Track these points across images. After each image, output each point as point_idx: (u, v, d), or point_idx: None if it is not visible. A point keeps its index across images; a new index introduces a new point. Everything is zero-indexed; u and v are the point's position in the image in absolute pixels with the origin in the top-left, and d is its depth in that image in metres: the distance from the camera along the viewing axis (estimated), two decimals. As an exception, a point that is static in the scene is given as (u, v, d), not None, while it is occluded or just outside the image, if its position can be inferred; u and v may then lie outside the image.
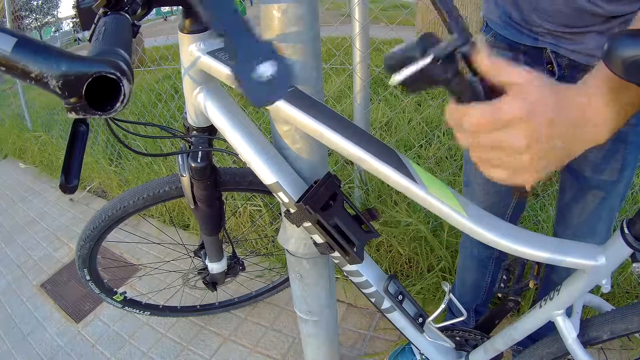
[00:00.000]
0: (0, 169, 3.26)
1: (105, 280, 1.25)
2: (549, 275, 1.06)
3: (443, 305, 0.74)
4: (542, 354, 0.74)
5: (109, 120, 0.64)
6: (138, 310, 1.34)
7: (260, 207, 1.87)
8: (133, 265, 1.82)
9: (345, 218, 0.67)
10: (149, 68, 3.71)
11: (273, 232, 1.80)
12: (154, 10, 0.58)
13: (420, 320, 0.80)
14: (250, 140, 0.66)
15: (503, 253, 1.07)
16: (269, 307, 1.52)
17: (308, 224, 0.65)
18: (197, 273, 1.28)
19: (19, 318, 1.65)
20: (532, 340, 0.78)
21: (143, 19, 0.54)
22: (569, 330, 0.65)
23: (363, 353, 1.31)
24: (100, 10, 0.46)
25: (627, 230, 0.52)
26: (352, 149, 0.55)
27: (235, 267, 1.25)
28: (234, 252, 1.25)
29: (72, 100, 0.33)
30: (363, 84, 1.55)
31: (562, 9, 0.65)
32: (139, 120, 1.64)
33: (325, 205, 0.64)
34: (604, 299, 0.74)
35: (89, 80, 0.33)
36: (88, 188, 2.54)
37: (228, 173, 0.97)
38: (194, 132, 0.80)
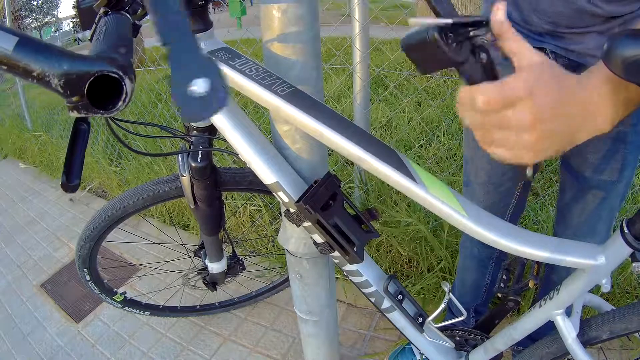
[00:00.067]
0: (0, 169, 3.26)
1: (105, 281, 1.25)
2: (549, 275, 1.06)
3: (443, 305, 0.74)
4: (541, 354, 0.74)
5: (109, 120, 0.64)
6: (138, 311, 1.34)
7: (260, 207, 1.87)
8: (133, 266, 1.82)
9: (345, 218, 0.67)
10: (149, 68, 3.71)
11: (273, 232, 1.80)
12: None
13: (420, 320, 0.80)
14: (250, 140, 0.66)
15: (503, 253, 1.07)
16: (269, 307, 1.52)
17: (308, 224, 0.65)
18: (197, 273, 1.28)
19: (19, 318, 1.65)
20: (531, 340, 0.78)
21: (143, 19, 0.55)
22: (569, 330, 0.65)
23: (363, 353, 1.31)
24: (101, 10, 0.46)
25: (626, 230, 0.52)
26: (352, 149, 0.55)
27: (235, 267, 1.25)
28: (234, 252, 1.26)
29: (74, 99, 0.33)
30: (363, 84, 1.55)
31: (562, 10, 0.65)
32: (139, 120, 1.64)
33: (325, 205, 0.64)
34: (604, 299, 0.74)
35: (91, 79, 0.33)
36: (88, 188, 2.54)
37: (228, 173, 0.97)
38: (194, 132, 0.80)
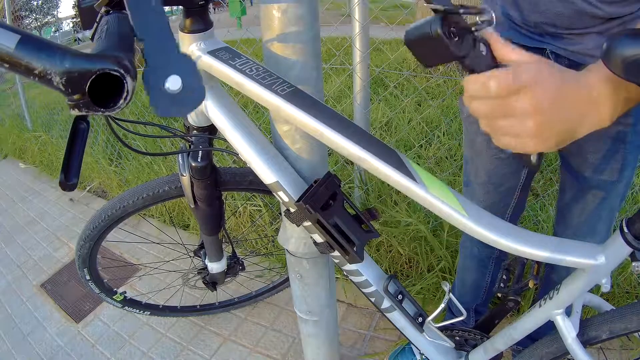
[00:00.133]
0: (0, 169, 3.26)
1: (105, 280, 1.25)
2: (549, 275, 1.06)
3: (443, 305, 0.74)
4: (541, 354, 0.74)
5: (110, 120, 0.64)
6: (138, 310, 1.34)
7: (260, 207, 1.87)
8: (133, 265, 1.82)
9: (345, 217, 0.67)
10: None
11: (273, 232, 1.80)
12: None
13: (420, 320, 0.80)
14: (251, 140, 0.66)
15: (503, 253, 1.07)
16: (269, 307, 1.52)
17: (308, 224, 0.65)
18: (196, 273, 1.28)
19: (19, 318, 1.65)
20: (531, 340, 0.78)
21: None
22: (569, 330, 0.65)
23: (363, 353, 1.31)
24: (102, 9, 0.46)
25: (626, 230, 0.52)
26: (352, 149, 0.55)
27: (235, 267, 1.25)
28: (234, 252, 1.25)
29: (75, 97, 0.33)
30: (363, 84, 1.55)
31: (562, 11, 0.65)
32: (139, 120, 1.64)
33: (325, 205, 0.64)
34: (604, 299, 0.74)
35: (93, 77, 0.33)
36: (88, 188, 2.54)
37: (228, 173, 0.97)
38: (194, 131, 0.80)
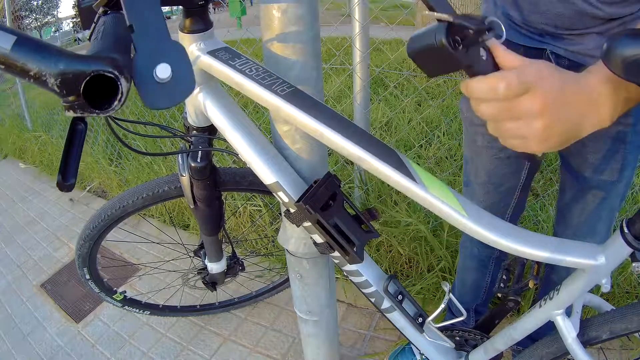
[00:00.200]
0: (0, 169, 3.26)
1: (105, 280, 1.25)
2: (549, 275, 1.06)
3: (443, 305, 0.74)
4: (541, 354, 0.74)
5: (109, 120, 0.64)
6: (138, 310, 1.34)
7: (260, 207, 1.87)
8: (133, 265, 1.82)
9: (345, 218, 0.67)
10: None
11: (273, 232, 1.80)
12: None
13: (420, 320, 0.80)
14: (250, 140, 0.66)
15: (503, 253, 1.07)
16: (269, 307, 1.52)
17: (308, 224, 0.65)
18: (196, 273, 1.28)
19: (19, 318, 1.65)
20: (531, 340, 0.78)
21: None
22: (569, 330, 0.65)
23: (363, 353, 1.31)
24: (100, 10, 0.46)
25: (626, 230, 0.52)
26: (352, 149, 0.55)
27: (235, 267, 1.25)
28: (234, 252, 1.25)
29: (70, 99, 0.33)
30: (363, 84, 1.55)
31: (562, 12, 0.65)
32: (139, 120, 1.64)
33: (325, 205, 0.64)
34: (604, 299, 0.74)
35: (87, 79, 0.32)
36: (88, 188, 2.54)
37: (228, 173, 0.97)
38: (194, 131, 0.80)
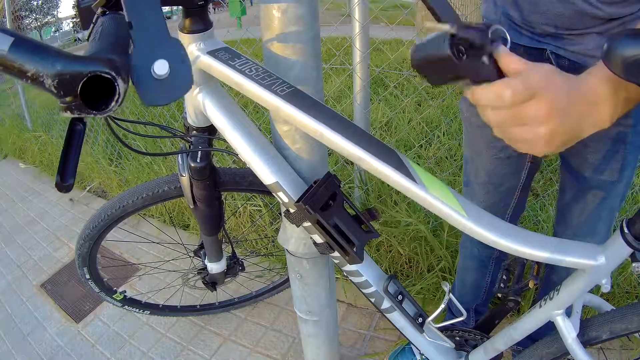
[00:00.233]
0: (0, 169, 3.26)
1: (105, 279, 1.25)
2: (549, 275, 1.06)
3: (443, 305, 0.74)
4: (541, 354, 0.74)
5: (109, 120, 0.63)
6: (138, 310, 1.34)
7: (260, 207, 1.87)
8: (133, 265, 1.82)
9: (345, 218, 0.67)
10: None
11: (273, 232, 1.80)
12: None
13: (420, 320, 0.80)
14: (250, 140, 0.66)
15: (503, 253, 1.07)
16: (269, 307, 1.52)
17: (308, 224, 0.65)
18: (196, 273, 1.28)
19: (19, 318, 1.65)
20: (531, 340, 0.78)
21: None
22: (569, 330, 0.65)
23: (363, 353, 1.31)
24: (99, 10, 0.46)
25: (626, 230, 0.52)
26: (352, 149, 0.55)
27: (235, 267, 1.25)
28: (234, 252, 1.25)
29: (67, 100, 0.33)
30: (363, 84, 1.55)
31: (562, 12, 0.65)
32: (139, 120, 1.64)
33: (325, 205, 0.64)
34: (604, 299, 0.74)
35: (84, 80, 0.32)
36: (88, 188, 2.54)
37: (228, 173, 0.97)
38: (194, 131, 0.80)
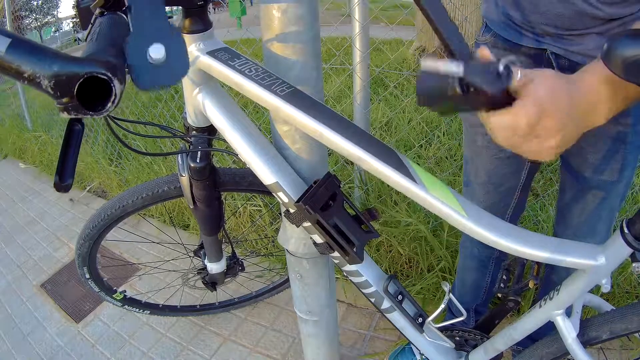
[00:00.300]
0: (0, 169, 3.26)
1: (105, 279, 1.25)
2: (549, 276, 1.06)
3: (443, 305, 0.74)
4: (541, 354, 0.74)
5: (109, 120, 0.63)
6: (138, 309, 1.34)
7: (260, 207, 1.87)
8: (133, 265, 1.82)
9: (345, 218, 0.67)
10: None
11: (273, 232, 1.80)
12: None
13: (420, 320, 0.80)
14: (250, 140, 0.66)
15: (503, 253, 1.07)
16: (269, 307, 1.52)
17: (308, 224, 0.65)
18: (196, 273, 1.28)
19: (19, 318, 1.65)
20: (531, 340, 0.78)
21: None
22: (569, 330, 0.65)
23: (363, 353, 1.31)
24: (97, 11, 0.46)
25: (626, 230, 0.52)
26: (352, 149, 0.55)
27: (235, 267, 1.25)
28: (234, 252, 1.25)
29: (64, 100, 0.33)
30: (363, 84, 1.55)
31: (562, 12, 0.65)
32: (139, 120, 1.64)
33: (325, 205, 0.64)
34: (604, 299, 0.74)
35: (81, 81, 0.33)
36: (88, 188, 2.54)
37: (228, 173, 0.97)
38: (194, 132, 0.80)
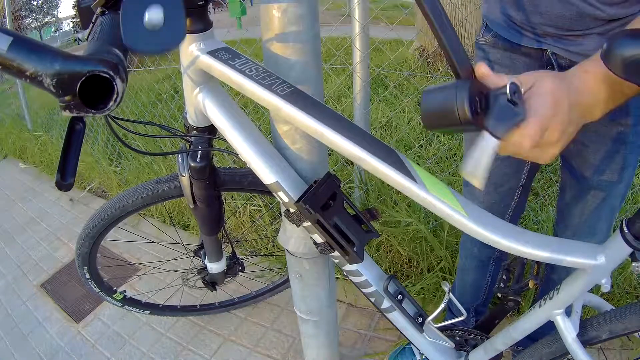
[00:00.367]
0: (0, 169, 3.26)
1: (105, 279, 1.25)
2: (549, 275, 1.06)
3: (443, 305, 0.74)
4: (541, 354, 0.74)
5: (109, 119, 0.63)
6: (138, 310, 1.34)
7: (260, 207, 1.87)
8: (133, 265, 1.82)
9: (345, 218, 0.67)
10: (149, 68, 3.70)
11: (273, 232, 1.80)
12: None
13: (420, 320, 0.80)
14: (250, 140, 0.66)
15: (503, 253, 1.07)
16: (269, 307, 1.52)
17: (308, 224, 0.65)
18: (196, 273, 1.28)
19: (19, 318, 1.65)
20: (531, 340, 0.78)
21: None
22: (569, 330, 0.65)
23: (363, 353, 1.31)
24: (98, 10, 0.46)
25: (626, 230, 0.52)
26: (352, 149, 0.55)
27: (235, 267, 1.25)
28: (234, 252, 1.25)
29: (66, 99, 0.33)
30: (363, 84, 1.55)
31: (563, 13, 0.65)
32: (139, 120, 1.64)
33: (325, 205, 0.64)
34: (604, 299, 0.74)
35: (83, 79, 0.33)
36: (88, 188, 2.54)
37: (228, 173, 0.97)
38: (194, 131, 0.80)
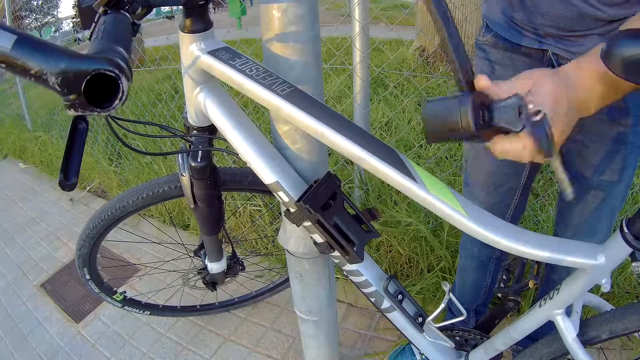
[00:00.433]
0: (0, 169, 3.26)
1: (105, 280, 1.25)
2: (549, 275, 1.06)
3: (443, 305, 0.74)
4: (541, 354, 0.74)
5: (110, 119, 0.64)
6: (138, 310, 1.34)
7: (260, 207, 1.87)
8: (133, 265, 1.82)
9: (345, 217, 0.67)
10: (149, 68, 3.71)
11: (273, 232, 1.80)
12: (154, 10, 0.58)
13: (420, 320, 0.80)
14: (251, 140, 0.66)
15: (504, 253, 1.07)
16: (269, 307, 1.52)
17: (308, 224, 0.65)
18: (196, 273, 1.28)
19: (19, 318, 1.65)
20: (531, 340, 0.78)
21: (143, 19, 0.54)
22: (569, 330, 0.65)
23: (363, 353, 1.31)
24: (100, 9, 0.46)
25: (626, 230, 0.52)
26: (352, 149, 0.55)
27: (235, 267, 1.25)
28: (234, 252, 1.25)
29: (71, 97, 0.33)
30: (363, 84, 1.55)
31: (564, 14, 0.65)
32: (139, 120, 1.64)
33: (325, 205, 0.64)
34: (604, 299, 0.74)
35: (88, 78, 0.33)
36: (88, 188, 2.54)
37: (228, 173, 0.97)
38: (194, 131, 0.80)
